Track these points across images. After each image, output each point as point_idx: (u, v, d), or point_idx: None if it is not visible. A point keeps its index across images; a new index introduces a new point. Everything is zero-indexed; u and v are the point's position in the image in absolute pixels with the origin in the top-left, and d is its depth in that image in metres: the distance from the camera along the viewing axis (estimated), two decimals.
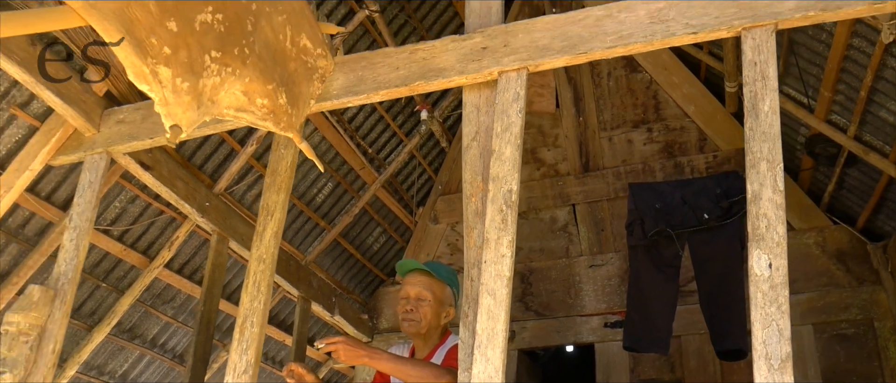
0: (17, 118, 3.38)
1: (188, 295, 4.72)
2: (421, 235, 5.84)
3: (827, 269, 4.96)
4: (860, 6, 2.51)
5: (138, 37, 2.11)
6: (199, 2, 2.32)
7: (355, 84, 3.01)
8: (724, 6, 2.63)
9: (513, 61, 2.81)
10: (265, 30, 2.62)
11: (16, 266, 3.75)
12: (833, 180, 4.81)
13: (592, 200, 5.38)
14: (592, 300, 5.31)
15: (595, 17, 2.79)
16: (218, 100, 2.38)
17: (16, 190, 3.41)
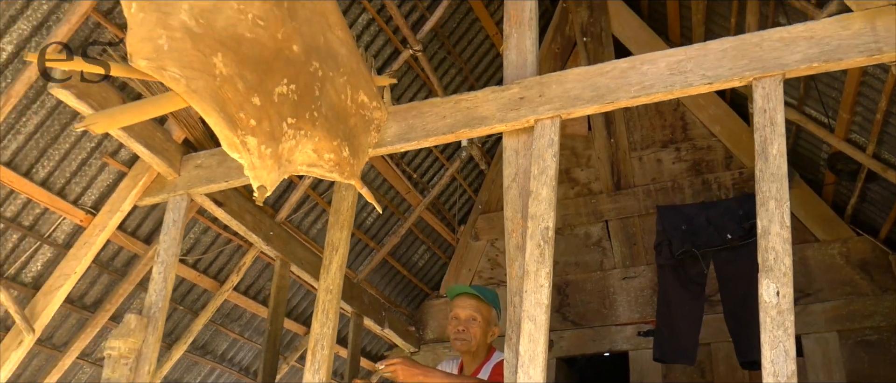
0: (108, 165, 3.81)
1: (253, 313, 5.14)
2: (463, 252, 6.19)
3: (851, 279, 5.20)
4: (860, 58, 2.80)
5: (229, 113, 2.50)
6: (276, 76, 2.71)
7: (407, 132, 3.37)
8: (736, 58, 2.94)
9: (547, 110, 3.14)
10: (329, 93, 2.99)
11: (107, 294, 4.20)
12: (855, 194, 5.05)
13: (624, 217, 5.67)
14: (626, 310, 5.60)
15: (621, 69, 3.11)
16: (294, 160, 2.77)
17: (109, 229, 3.84)
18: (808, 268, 5.29)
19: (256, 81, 2.62)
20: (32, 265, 3.84)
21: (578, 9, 5.55)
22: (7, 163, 3.50)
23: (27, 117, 3.46)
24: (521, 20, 3.40)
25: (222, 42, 2.54)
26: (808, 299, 5.23)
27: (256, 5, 2.68)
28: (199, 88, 2.43)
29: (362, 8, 4.49)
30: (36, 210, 3.72)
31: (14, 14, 3.22)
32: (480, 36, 5.42)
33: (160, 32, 2.40)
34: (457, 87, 5.49)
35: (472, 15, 5.24)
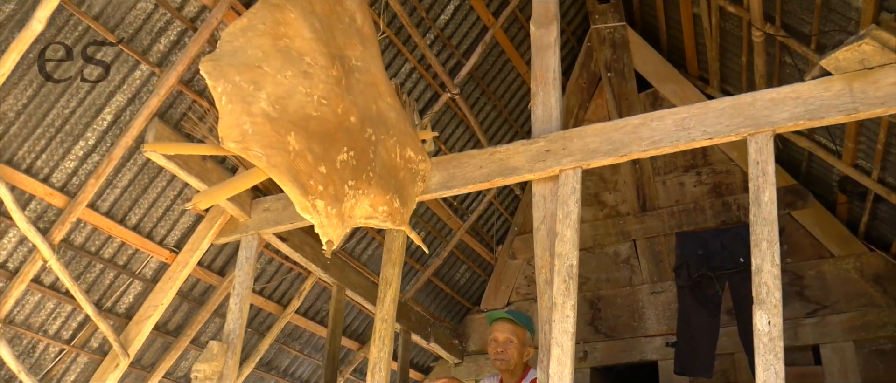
0: (186, 212, 4.38)
1: (312, 333, 5.69)
2: (501, 270, 6.68)
3: (865, 291, 5.55)
4: (839, 117, 3.21)
5: (302, 182, 3.03)
6: (338, 145, 3.23)
7: (448, 180, 3.87)
8: (732, 116, 3.38)
9: (570, 161, 3.61)
10: (382, 153, 3.51)
11: (188, 320, 4.78)
12: (866, 212, 5.41)
13: (650, 236, 6.10)
14: (654, 323, 6.03)
15: (633, 125, 3.57)
16: (354, 215, 3.28)
17: (190, 265, 4.42)
18: (824, 282, 5.66)
19: (322, 152, 3.14)
20: (125, 298, 4.42)
21: (602, 47, 5.99)
22: (106, 212, 4.08)
23: (122, 173, 4.04)
24: (546, 80, 3.87)
25: (294, 122, 3.07)
26: (826, 311, 5.60)
27: (320, 87, 3.21)
28: (278, 163, 2.97)
29: (405, 59, 5.01)
30: (129, 251, 4.30)
31: (112, 89, 3.80)
32: (512, 74, 5.90)
33: (245, 119, 2.94)
34: (491, 121, 5.98)
35: (505, 56, 5.72)
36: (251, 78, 3.00)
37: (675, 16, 5.58)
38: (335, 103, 3.27)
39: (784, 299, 5.33)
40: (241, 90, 2.95)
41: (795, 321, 5.61)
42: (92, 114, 3.79)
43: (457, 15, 5.23)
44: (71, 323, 4.25)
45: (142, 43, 3.80)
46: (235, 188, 3.24)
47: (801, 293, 5.69)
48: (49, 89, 3.61)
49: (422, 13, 4.98)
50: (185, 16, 3.87)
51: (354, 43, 3.58)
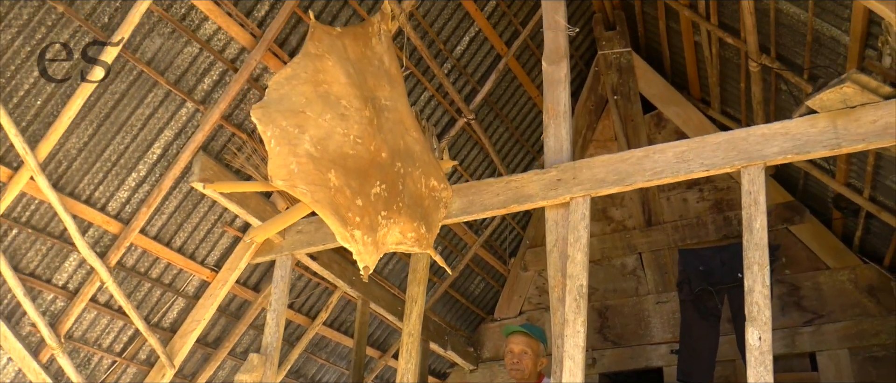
0: (226, 232, 4.75)
1: (337, 343, 6.05)
2: (513, 281, 7.03)
3: (859, 301, 5.88)
4: (824, 151, 3.56)
5: (341, 214, 3.39)
6: (372, 180, 3.60)
7: (468, 206, 4.23)
8: (727, 150, 3.72)
9: (580, 190, 3.96)
10: (409, 185, 3.87)
11: (226, 333, 5.15)
12: (859, 227, 5.74)
13: (655, 249, 6.44)
14: (660, 331, 6.37)
15: (637, 157, 3.92)
16: (386, 242, 3.65)
17: (229, 283, 4.79)
18: (820, 293, 5.99)
19: (358, 187, 3.51)
20: (170, 313, 4.80)
21: (609, 71, 6.34)
22: (154, 236, 4.46)
23: (168, 201, 4.41)
24: (557, 113, 4.22)
25: (334, 161, 3.44)
26: (822, 320, 5.93)
27: (355, 128, 3.58)
28: (320, 199, 3.33)
29: (424, 88, 5.37)
30: (174, 270, 4.68)
31: (162, 126, 4.18)
32: (524, 98, 6.25)
33: (291, 160, 3.31)
34: (505, 143, 6.33)
35: (517, 82, 6.07)
36: (296, 122, 3.37)
37: (678, 43, 5.93)
38: (368, 141, 3.63)
39: (782, 309, 5.75)
40: (287, 134, 3.32)
41: (793, 330, 5.95)
42: (143, 148, 4.17)
43: (472, 45, 5.59)
44: (122, 337, 4.62)
45: (188, 83, 4.18)
46: (285, 222, 3.63)
47: (798, 303, 6.03)
48: (107, 128, 3.99)
49: (440, 45, 5.34)
50: (226, 58, 4.24)
51: (383, 84, 3.95)
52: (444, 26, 5.35)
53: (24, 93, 3.65)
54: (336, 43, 3.70)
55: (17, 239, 3.94)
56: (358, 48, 3.86)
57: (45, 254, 4.09)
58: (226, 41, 4.22)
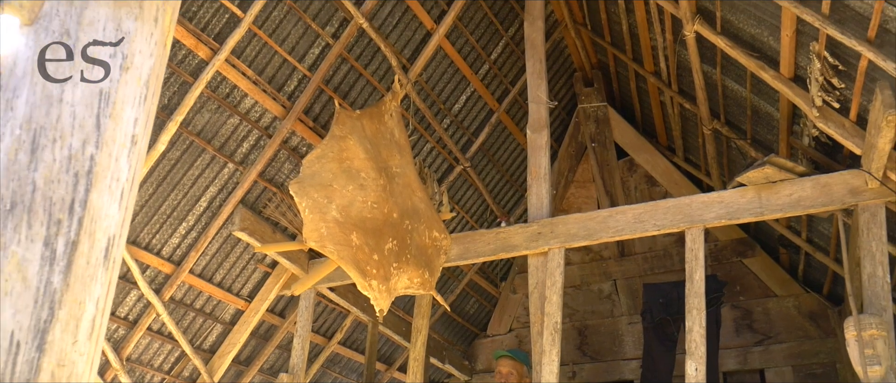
0: (258, 268, 5.50)
1: (350, 359, 6.81)
2: (504, 302, 7.79)
3: (802, 325, 6.66)
4: (750, 217, 4.33)
5: (362, 268, 4.15)
6: (385, 237, 4.35)
7: (464, 253, 4.99)
8: (675, 214, 4.49)
9: (556, 242, 4.72)
10: (416, 238, 4.63)
11: (255, 354, 5.90)
12: (802, 261, 6.51)
13: (628, 277, 7.21)
14: (631, 348, 7.13)
15: (603, 216, 4.68)
16: (397, 288, 4.40)
17: (260, 312, 5.54)
18: (769, 317, 6.77)
19: (375, 244, 4.26)
20: (210, 337, 5.55)
21: (587, 122, 7.09)
22: (199, 273, 5.21)
23: (210, 244, 5.16)
24: (539, 176, 4.99)
25: (355, 224, 4.20)
26: (770, 341, 6.70)
27: (372, 195, 4.34)
28: (345, 256, 4.09)
29: (426, 141, 6.12)
30: (213, 301, 5.43)
31: (208, 183, 4.93)
32: (514, 145, 7.01)
33: (321, 225, 4.06)
34: (496, 184, 7.09)
35: (507, 132, 6.83)
36: (325, 194, 4.12)
37: (647, 100, 6.69)
38: (383, 205, 4.39)
39: (736, 331, 6.51)
40: (318, 204, 4.07)
41: (745, 349, 6.72)
42: (192, 202, 4.92)
43: (468, 103, 6.35)
44: (170, 358, 5.37)
45: (230, 148, 4.93)
46: (320, 276, 4.40)
47: (750, 326, 6.80)
48: (164, 187, 4.74)
49: (440, 105, 6.10)
50: (261, 126, 5.00)
51: (394, 154, 4.71)
52: (443, 88, 6.11)
53: None
54: (356, 124, 4.45)
55: None
56: (374, 125, 4.62)
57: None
58: (261, 112, 4.97)
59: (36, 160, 1.35)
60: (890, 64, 3.51)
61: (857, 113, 4.14)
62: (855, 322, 3.73)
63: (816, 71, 4.02)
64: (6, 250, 1.28)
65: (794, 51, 4.23)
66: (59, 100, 1.40)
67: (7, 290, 1.25)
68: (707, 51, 5.12)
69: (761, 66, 4.50)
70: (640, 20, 5.65)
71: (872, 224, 4.03)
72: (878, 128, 3.71)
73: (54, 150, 1.37)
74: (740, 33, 4.65)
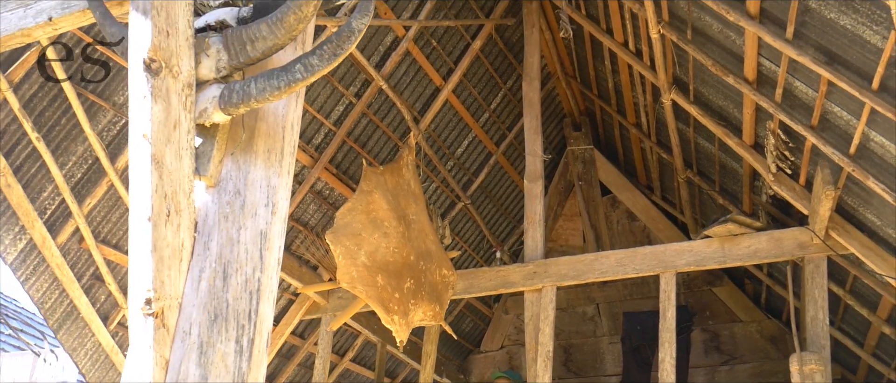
0: (283, 295, 6.15)
1: (359, 374, 7.46)
2: (497, 321, 8.47)
3: (764, 348, 7.40)
4: (715, 265, 5.03)
5: (386, 305, 4.81)
6: (404, 278, 5.02)
7: (468, 287, 5.66)
8: (652, 260, 5.19)
9: (549, 281, 5.40)
10: (429, 277, 5.29)
11: (278, 371, 6.55)
12: (764, 291, 7.25)
13: (610, 301, 7.92)
14: (612, 366, 7.84)
15: (589, 260, 5.37)
16: (414, 321, 5.07)
17: (285, 334, 6.18)
18: (735, 340, 7.50)
19: (396, 284, 4.93)
20: None
21: (575, 162, 7.80)
22: None
23: None
24: (534, 221, 5.67)
25: (380, 267, 4.86)
26: (735, 361, 7.44)
27: (394, 241, 5.00)
28: (372, 295, 4.75)
29: (432, 181, 6.79)
30: None
31: None
32: (509, 183, 7.70)
33: (352, 269, 4.72)
34: (493, 218, 7.77)
35: (504, 171, 7.52)
36: (355, 242, 4.78)
37: (629, 146, 7.41)
38: (402, 250, 5.06)
39: (705, 352, 7.24)
40: (349, 250, 4.73)
41: (713, 368, 7.45)
42: None
43: (469, 147, 7.03)
44: None
45: None
46: (351, 313, 5.08)
47: (718, 347, 7.53)
48: None
49: (444, 149, 6.77)
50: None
51: (411, 203, 5.37)
52: (448, 135, 6.78)
53: None
54: (380, 179, 5.12)
55: None
56: (394, 179, 5.28)
57: None
58: None
59: (227, 285, 2.00)
60: (829, 148, 4.23)
61: (806, 178, 4.87)
62: (798, 358, 4.45)
63: (771, 145, 4.74)
64: (214, 347, 1.93)
65: (754, 124, 4.95)
66: (237, 241, 2.05)
67: (216, 375, 1.91)
68: (682, 111, 5.83)
69: (727, 134, 5.22)
70: (624, 81, 6.36)
71: (816, 274, 4.75)
72: (819, 199, 4.44)
73: (237, 277, 2.02)
74: (710, 103, 5.37)
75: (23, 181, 4.31)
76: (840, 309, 5.95)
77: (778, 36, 4.00)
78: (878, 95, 3.62)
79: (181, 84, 2.03)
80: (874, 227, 4.57)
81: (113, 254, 4.88)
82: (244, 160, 2.15)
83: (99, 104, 4.44)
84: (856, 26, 3.55)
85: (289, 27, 2.05)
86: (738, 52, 4.54)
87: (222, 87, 2.09)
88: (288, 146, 2.26)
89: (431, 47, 6.11)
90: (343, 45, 2.05)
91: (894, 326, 5.35)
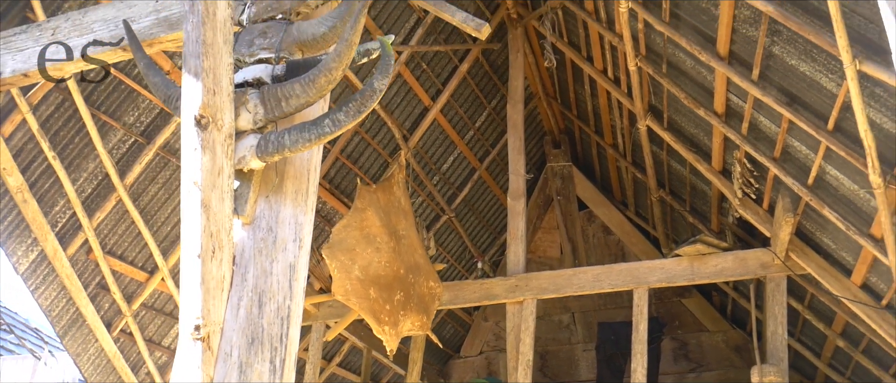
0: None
1: (344, 378, 7.72)
2: (476, 328, 8.78)
3: (729, 356, 7.79)
4: (684, 282, 5.39)
5: (377, 316, 5.09)
6: (395, 290, 5.30)
7: (454, 298, 5.96)
8: (627, 276, 5.52)
9: (530, 294, 5.72)
10: (417, 289, 5.58)
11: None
12: (730, 302, 7.65)
13: (585, 310, 8.26)
14: (585, 371, 8.19)
15: (567, 275, 5.70)
16: (403, 331, 5.35)
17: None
18: (702, 349, 7.89)
19: (387, 296, 5.21)
20: None
21: (554, 178, 8.14)
22: None
23: None
24: (516, 237, 5.98)
25: (372, 280, 5.14)
26: (702, 369, 7.83)
27: (385, 256, 5.29)
28: (364, 307, 5.03)
29: (418, 195, 7.08)
30: None
31: None
32: (492, 198, 8.02)
33: (347, 282, 5.00)
34: (476, 231, 8.08)
35: (486, 186, 7.83)
36: (350, 257, 5.06)
37: (606, 164, 7.76)
38: (393, 264, 5.34)
39: (675, 359, 7.63)
40: (344, 265, 5.01)
41: (682, 375, 7.84)
42: None
43: (454, 163, 7.33)
44: None
45: None
46: (346, 323, 5.35)
47: (686, 355, 7.91)
48: None
49: (431, 165, 7.07)
50: None
51: (401, 219, 5.66)
52: (435, 151, 7.08)
53: (162, 221, 5.27)
54: (373, 197, 5.39)
55: (144, 316, 5.55)
56: (386, 196, 5.56)
57: (160, 325, 5.70)
58: None
59: (262, 312, 2.27)
60: (789, 179, 4.60)
61: (769, 204, 5.24)
62: (758, 370, 4.81)
63: (738, 172, 5.10)
64: (252, 367, 2.20)
65: (723, 152, 5.31)
66: (270, 273, 2.33)
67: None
68: (656, 136, 6.18)
69: (697, 160, 5.58)
70: (602, 104, 6.71)
71: (776, 292, 5.13)
72: (780, 224, 4.81)
73: (270, 305, 2.29)
74: (683, 131, 5.72)
75: (37, 196, 4.53)
76: (799, 322, 6.35)
77: (744, 76, 4.35)
78: (833, 135, 3.98)
79: (224, 135, 2.30)
80: (830, 250, 4.95)
81: (118, 264, 5.11)
82: (275, 200, 2.43)
83: (110, 124, 4.67)
84: (814, 73, 3.91)
85: (319, 88, 2.33)
86: (708, 87, 4.89)
87: (259, 137, 2.36)
88: (311, 186, 2.54)
89: (421, 70, 6.40)
90: (366, 103, 2.34)
91: (848, 339, 5.75)
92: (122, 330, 5.34)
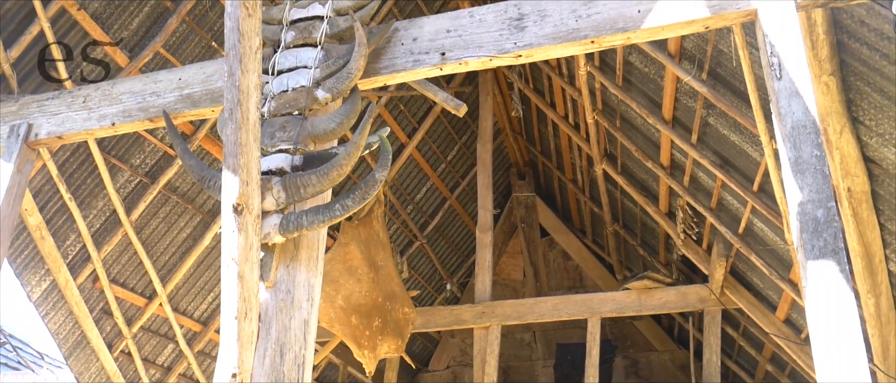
0: None
1: None
2: (444, 344, 9.32)
3: (675, 374, 8.47)
4: (632, 313, 6.02)
5: (358, 342, 5.61)
6: (373, 317, 5.83)
7: (426, 323, 6.51)
8: (581, 306, 6.13)
9: (496, 320, 6.29)
10: (393, 316, 6.12)
11: None
12: (677, 325, 8.32)
13: (545, 329, 8.87)
14: None
15: (530, 304, 6.29)
16: (380, 354, 5.88)
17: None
18: (651, 367, 8.56)
19: (367, 323, 5.74)
20: None
21: (519, 207, 8.75)
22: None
23: None
24: (484, 267, 6.55)
25: (354, 309, 5.67)
26: None
27: (365, 286, 5.82)
28: (347, 334, 5.55)
29: (394, 222, 7.62)
30: None
31: None
32: (462, 225, 8.59)
33: (331, 311, 5.52)
34: (446, 256, 8.64)
35: (456, 214, 8.40)
36: (334, 287, 5.58)
37: (566, 196, 8.39)
38: (372, 293, 5.88)
39: (626, 376, 8.25)
40: (329, 295, 5.53)
41: None
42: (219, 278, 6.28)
43: (427, 193, 7.89)
44: None
45: None
46: (330, 348, 5.86)
47: (636, 372, 8.57)
48: (202, 268, 6.07)
49: (405, 195, 7.61)
50: None
51: (379, 250, 6.19)
52: (409, 183, 7.62)
53: (161, 252, 5.73)
54: (355, 232, 5.92)
55: (141, 337, 5.99)
56: (366, 231, 6.09)
57: (155, 346, 6.15)
58: None
59: (283, 361, 2.80)
60: (723, 227, 5.25)
61: (708, 245, 5.90)
62: None
63: (680, 217, 5.75)
64: None
65: (668, 198, 5.96)
66: (289, 328, 2.86)
67: None
68: (611, 177, 6.82)
69: (647, 202, 6.22)
70: (563, 145, 7.33)
71: (712, 324, 5.78)
72: (715, 266, 5.46)
73: (289, 355, 2.82)
74: (634, 176, 6.36)
75: (51, 230, 4.96)
76: (735, 347, 7.03)
77: (685, 139, 4.99)
78: (758, 195, 4.63)
79: (254, 217, 2.82)
80: (758, 288, 5.62)
81: (121, 291, 5.55)
82: (292, 267, 2.96)
83: (119, 166, 5.13)
84: (741, 143, 4.55)
85: (332, 179, 2.87)
86: (656, 143, 5.53)
87: (281, 217, 2.89)
88: (320, 252, 3.08)
89: (399, 110, 6.94)
90: (369, 191, 2.88)
91: (775, 364, 6.43)
92: (122, 350, 5.77)
